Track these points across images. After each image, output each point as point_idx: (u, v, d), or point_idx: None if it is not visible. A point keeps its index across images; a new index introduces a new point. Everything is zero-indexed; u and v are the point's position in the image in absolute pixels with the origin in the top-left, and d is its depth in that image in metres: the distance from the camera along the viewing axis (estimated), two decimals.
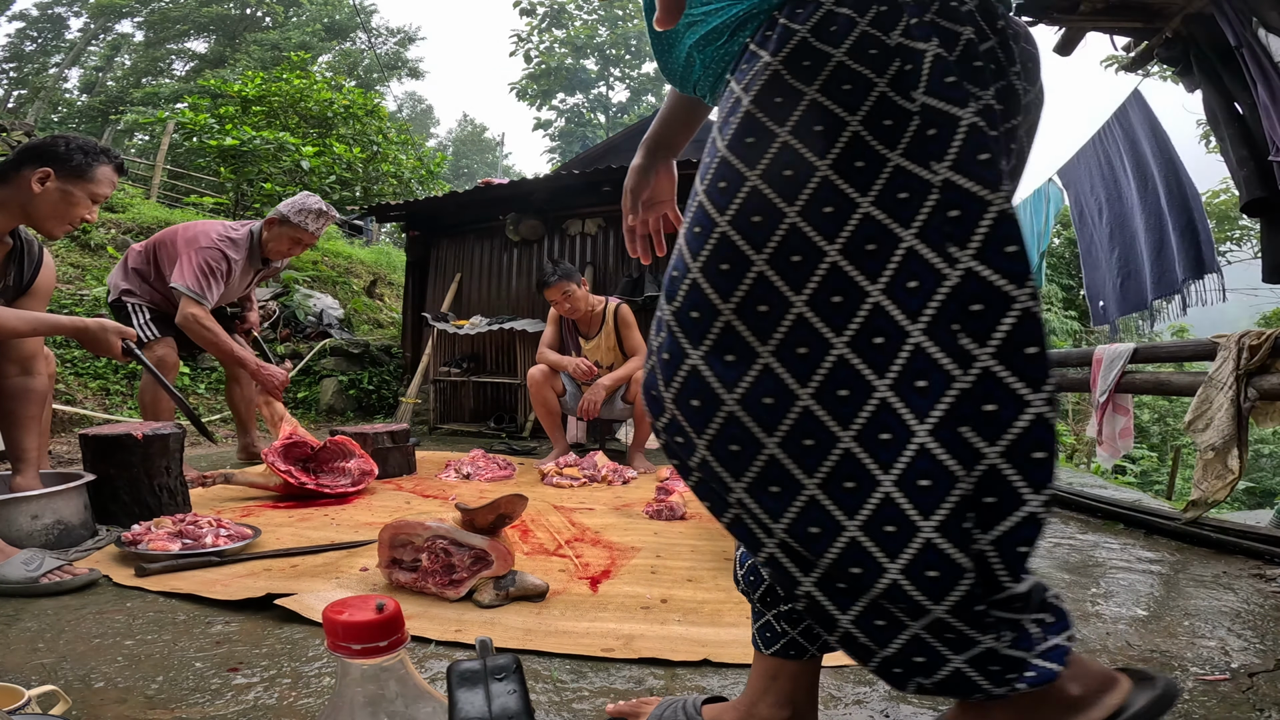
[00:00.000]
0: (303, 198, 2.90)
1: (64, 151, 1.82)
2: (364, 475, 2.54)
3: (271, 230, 2.84)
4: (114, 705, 0.95)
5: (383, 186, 7.19)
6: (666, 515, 2.23)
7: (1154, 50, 2.80)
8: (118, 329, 1.96)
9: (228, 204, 7.54)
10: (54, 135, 1.90)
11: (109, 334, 1.93)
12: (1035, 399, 0.54)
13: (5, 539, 1.50)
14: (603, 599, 1.43)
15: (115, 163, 1.96)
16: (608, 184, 5.24)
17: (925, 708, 0.99)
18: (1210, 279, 3.03)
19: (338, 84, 7.89)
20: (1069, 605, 1.37)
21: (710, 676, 1.09)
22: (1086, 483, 3.26)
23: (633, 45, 18.68)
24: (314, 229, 2.86)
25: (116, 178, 1.98)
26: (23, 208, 1.79)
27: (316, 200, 2.90)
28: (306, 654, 1.14)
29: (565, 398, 3.41)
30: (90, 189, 1.87)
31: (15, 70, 23.43)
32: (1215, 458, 1.95)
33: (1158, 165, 3.22)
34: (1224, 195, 10.50)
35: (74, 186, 1.83)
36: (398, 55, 24.69)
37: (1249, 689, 1.03)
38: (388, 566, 1.46)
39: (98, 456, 1.95)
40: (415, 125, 27.69)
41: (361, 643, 0.52)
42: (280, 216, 2.83)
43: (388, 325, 8.10)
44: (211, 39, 23.82)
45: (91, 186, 1.87)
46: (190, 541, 1.65)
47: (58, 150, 1.82)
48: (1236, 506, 8.93)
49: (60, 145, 1.83)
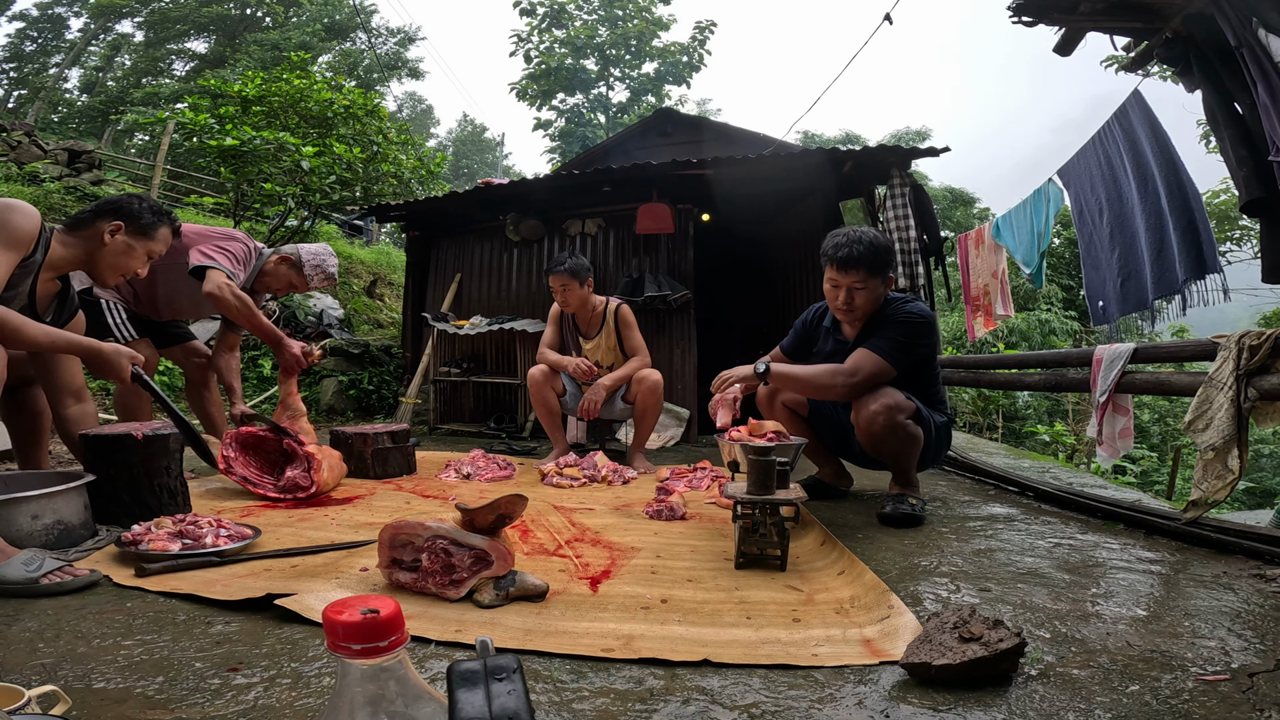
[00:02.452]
0: (324, 254, 2.92)
1: (136, 210, 2.07)
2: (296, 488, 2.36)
3: (279, 268, 2.85)
4: (114, 705, 0.95)
5: (383, 186, 7.17)
6: (666, 515, 2.23)
7: (1154, 50, 2.79)
8: (130, 355, 2.00)
9: (228, 204, 7.54)
10: (129, 194, 2.16)
11: (122, 359, 1.98)
12: None
13: (5, 539, 1.50)
14: (603, 599, 1.43)
15: (174, 226, 2.23)
16: (608, 184, 5.24)
17: (925, 708, 0.99)
18: (1211, 279, 3.03)
19: (338, 84, 7.88)
20: (1069, 605, 1.38)
21: (710, 676, 1.09)
22: (1086, 483, 3.26)
23: (633, 45, 18.66)
24: (313, 285, 2.91)
25: (172, 240, 2.23)
26: (89, 255, 2.02)
27: (334, 264, 2.95)
28: (306, 654, 1.14)
29: (565, 398, 3.41)
30: (149, 246, 2.11)
31: (15, 70, 23.43)
32: (1215, 458, 1.94)
33: (1158, 165, 3.22)
34: (1224, 195, 10.49)
35: (137, 242, 2.07)
36: (398, 55, 24.69)
37: (1249, 689, 1.03)
38: (388, 566, 1.46)
39: (98, 456, 1.95)
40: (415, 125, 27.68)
41: (361, 643, 0.52)
42: (296, 260, 2.85)
43: (388, 325, 8.10)
44: (211, 39, 23.82)
45: (151, 244, 2.12)
46: (190, 541, 1.65)
47: (132, 209, 2.07)
48: (1236, 506, 8.93)
49: (135, 204, 2.09)
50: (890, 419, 2.11)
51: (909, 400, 2.18)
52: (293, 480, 2.37)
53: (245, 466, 2.45)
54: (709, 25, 18.87)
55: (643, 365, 3.34)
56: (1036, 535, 2.04)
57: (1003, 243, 5.20)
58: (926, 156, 4.71)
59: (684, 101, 21.66)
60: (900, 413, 2.13)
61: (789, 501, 1.65)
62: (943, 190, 21.52)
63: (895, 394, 2.14)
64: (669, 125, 9.25)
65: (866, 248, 2.15)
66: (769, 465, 1.68)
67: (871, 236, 2.19)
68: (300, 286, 2.90)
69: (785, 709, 0.99)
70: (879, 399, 2.13)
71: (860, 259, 2.14)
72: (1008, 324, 11.74)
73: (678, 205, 5.10)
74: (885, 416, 2.11)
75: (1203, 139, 9.87)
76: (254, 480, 2.41)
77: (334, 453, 2.64)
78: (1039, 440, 9.27)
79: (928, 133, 25.41)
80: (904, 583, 1.56)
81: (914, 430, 2.19)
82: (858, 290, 2.19)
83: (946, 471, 3.33)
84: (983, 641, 1.06)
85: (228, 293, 2.56)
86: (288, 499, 2.35)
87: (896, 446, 2.19)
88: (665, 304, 4.91)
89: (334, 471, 2.56)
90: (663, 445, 4.46)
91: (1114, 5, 2.67)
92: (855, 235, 2.19)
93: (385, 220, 7.01)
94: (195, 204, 10.12)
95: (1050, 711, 0.97)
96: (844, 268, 2.17)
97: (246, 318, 2.62)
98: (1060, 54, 3.05)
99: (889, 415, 2.11)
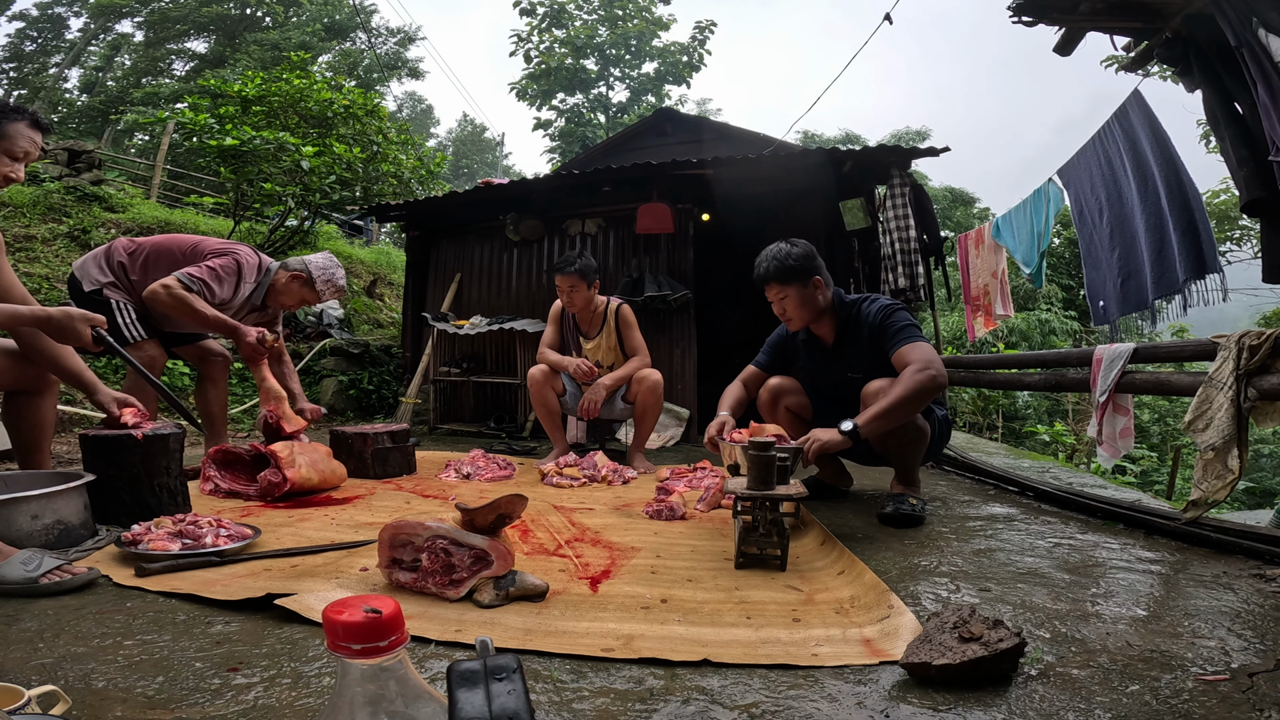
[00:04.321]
0: (332, 267, 2.91)
1: None
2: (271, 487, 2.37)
3: (290, 284, 2.85)
4: (114, 705, 0.95)
5: (383, 186, 7.17)
6: (666, 515, 2.23)
7: (1154, 50, 2.79)
8: (85, 316, 1.89)
9: (228, 204, 7.53)
10: None
11: (76, 322, 1.87)
12: None
13: (5, 539, 1.50)
14: (603, 599, 1.43)
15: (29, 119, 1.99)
16: (608, 184, 5.24)
17: (925, 707, 0.99)
18: (1211, 279, 3.03)
19: (338, 84, 7.88)
20: (1069, 605, 1.38)
21: (710, 676, 1.09)
22: (1086, 483, 3.26)
23: (633, 45, 18.65)
24: (325, 298, 2.92)
25: (36, 135, 2.01)
26: None
27: (342, 276, 2.95)
28: (306, 654, 1.14)
29: (565, 398, 3.41)
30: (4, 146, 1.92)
31: (15, 70, 23.43)
32: (1215, 458, 1.94)
33: (1158, 165, 3.22)
34: (1224, 195, 10.49)
35: None
36: (397, 55, 24.69)
37: (1249, 689, 1.03)
38: (388, 566, 1.46)
39: (98, 456, 1.95)
40: (415, 125, 27.68)
41: (361, 643, 0.52)
42: (306, 276, 2.84)
43: (388, 325, 8.10)
44: (211, 39, 23.81)
45: (5, 144, 1.93)
46: (190, 541, 1.65)
47: None
48: (1236, 506, 8.93)
49: None
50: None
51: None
52: (266, 480, 2.37)
53: (230, 481, 2.47)
54: (709, 25, 18.86)
55: (643, 365, 3.34)
56: (1036, 535, 2.04)
57: (1003, 243, 5.20)
58: (926, 156, 4.71)
59: (684, 101, 21.67)
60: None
61: (789, 497, 1.65)
62: (943, 190, 21.53)
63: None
64: (669, 125, 9.25)
65: (770, 262, 2.31)
66: (769, 460, 1.68)
67: (775, 251, 2.32)
68: (313, 300, 2.91)
69: (785, 709, 0.99)
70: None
71: (768, 274, 2.31)
72: (1008, 324, 11.74)
73: (678, 205, 5.10)
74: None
75: (1203, 139, 9.87)
76: (240, 492, 2.43)
77: (320, 447, 2.61)
78: (1039, 440, 9.27)
79: (928, 133, 25.42)
80: (904, 582, 1.56)
81: (922, 424, 2.23)
82: (783, 300, 2.34)
83: (946, 471, 3.33)
84: (983, 641, 1.06)
85: (162, 294, 2.53)
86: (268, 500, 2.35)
87: (904, 441, 2.22)
88: (665, 304, 4.91)
89: (319, 466, 2.50)
90: (663, 445, 4.46)
91: (1114, 5, 2.67)
92: (764, 254, 2.34)
93: (385, 220, 7.01)
94: (195, 204, 10.12)
95: (1050, 711, 0.97)
96: (762, 285, 2.36)
97: (189, 314, 2.57)
98: (1060, 54, 3.05)
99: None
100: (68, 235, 6.54)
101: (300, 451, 2.48)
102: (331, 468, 2.60)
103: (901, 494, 2.24)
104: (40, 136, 2.02)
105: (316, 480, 2.49)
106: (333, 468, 2.61)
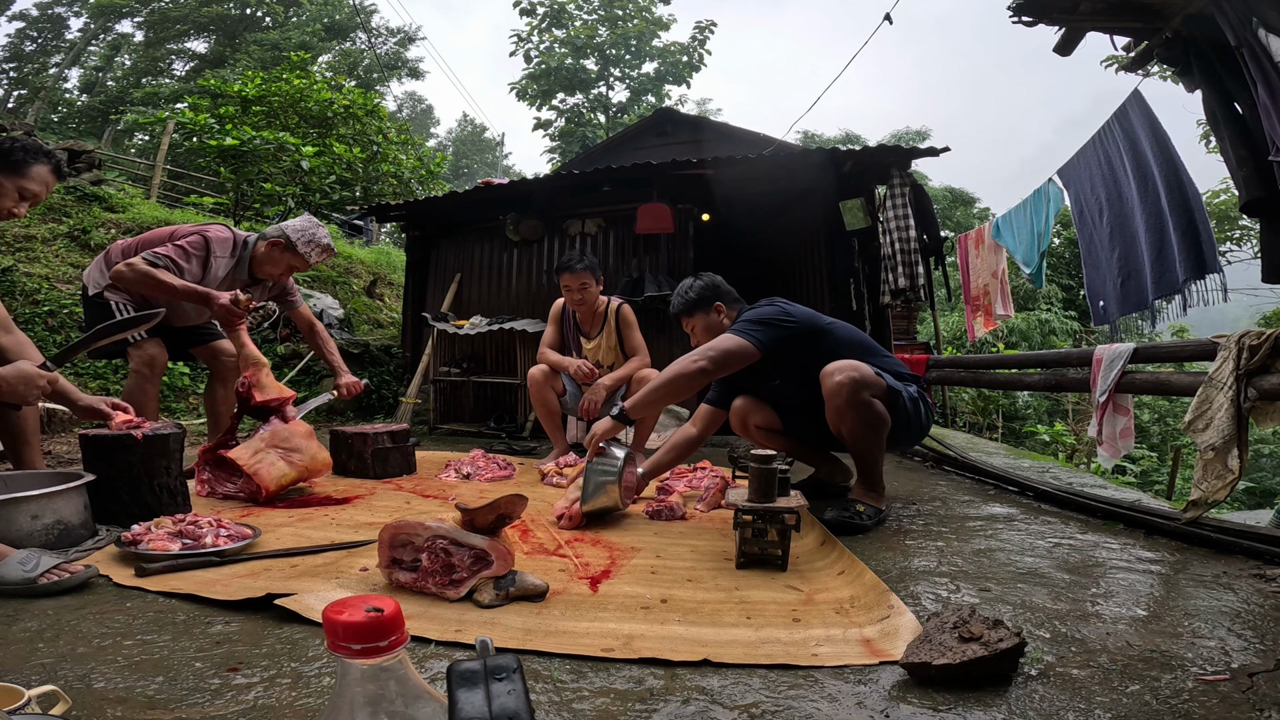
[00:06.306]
0: (311, 227, 2.83)
1: (7, 147, 1.96)
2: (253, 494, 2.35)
3: (271, 252, 2.77)
4: (114, 705, 0.95)
5: (383, 186, 7.18)
6: (666, 515, 2.23)
7: (1154, 50, 2.80)
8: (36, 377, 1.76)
9: (228, 204, 7.54)
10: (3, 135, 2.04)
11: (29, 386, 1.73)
12: None
13: (5, 539, 1.50)
14: (603, 599, 1.43)
15: (53, 164, 2.07)
16: (608, 184, 5.24)
17: (925, 707, 0.99)
18: (1211, 279, 3.03)
19: (338, 84, 7.89)
20: (1069, 605, 1.38)
21: (710, 676, 1.09)
22: (1086, 483, 3.25)
23: (633, 45, 18.66)
24: (313, 261, 2.84)
25: (53, 180, 2.08)
26: None
27: (325, 235, 2.86)
28: (306, 654, 1.14)
29: (565, 398, 3.41)
30: (20, 184, 1.99)
31: (15, 70, 23.44)
32: (1215, 458, 1.94)
33: (1158, 165, 3.22)
34: (1224, 195, 10.49)
35: (6, 179, 1.97)
36: (397, 55, 24.70)
37: (1249, 689, 1.03)
38: (388, 566, 1.46)
39: (98, 456, 1.95)
40: (415, 125, 27.68)
41: (361, 643, 0.52)
42: (285, 241, 2.77)
43: (388, 325, 8.10)
44: (211, 39, 23.83)
45: (22, 181, 1.99)
46: (190, 541, 1.65)
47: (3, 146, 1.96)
48: (1236, 506, 8.93)
49: (5, 143, 1.97)
50: (855, 393, 2.02)
51: (879, 377, 2.09)
52: (246, 489, 2.36)
53: (224, 483, 2.44)
54: (709, 25, 18.87)
55: (643, 365, 3.34)
56: (1036, 535, 2.04)
57: (1003, 243, 5.20)
58: (926, 156, 4.72)
59: (684, 101, 21.68)
60: (865, 388, 2.03)
61: (790, 510, 1.65)
62: (943, 190, 21.54)
63: (863, 367, 2.06)
64: (669, 125, 9.26)
65: (676, 298, 2.55)
66: (770, 474, 1.69)
67: (681, 287, 2.56)
68: (301, 265, 2.82)
69: (785, 709, 0.98)
70: (844, 370, 2.04)
71: (675, 309, 2.56)
72: (1008, 324, 11.74)
73: (678, 205, 5.10)
74: (849, 389, 2.02)
75: (1203, 139, 9.87)
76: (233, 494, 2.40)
77: (299, 426, 2.52)
78: (1039, 440, 9.27)
79: (928, 133, 25.45)
80: (904, 582, 1.56)
81: (879, 410, 2.07)
82: (693, 329, 2.53)
83: (946, 471, 3.33)
84: (982, 641, 1.06)
85: (127, 272, 2.49)
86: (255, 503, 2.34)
87: (858, 425, 2.07)
88: (665, 304, 4.92)
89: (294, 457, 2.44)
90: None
91: (1114, 5, 2.67)
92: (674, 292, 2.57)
93: (385, 220, 7.02)
94: (195, 204, 10.12)
95: (1050, 711, 0.97)
96: (676, 321, 2.59)
97: (156, 287, 2.50)
98: (1060, 54, 3.05)
99: (853, 388, 2.02)
100: (68, 235, 6.54)
101: (270, 445, 2.39)
102: (312, 452, 2.51)
103: (850, 500, 2.13)
104: (55, 183, 2.10)
105: (295, 475, 2.42)
106: (313, 452, 2.51)
